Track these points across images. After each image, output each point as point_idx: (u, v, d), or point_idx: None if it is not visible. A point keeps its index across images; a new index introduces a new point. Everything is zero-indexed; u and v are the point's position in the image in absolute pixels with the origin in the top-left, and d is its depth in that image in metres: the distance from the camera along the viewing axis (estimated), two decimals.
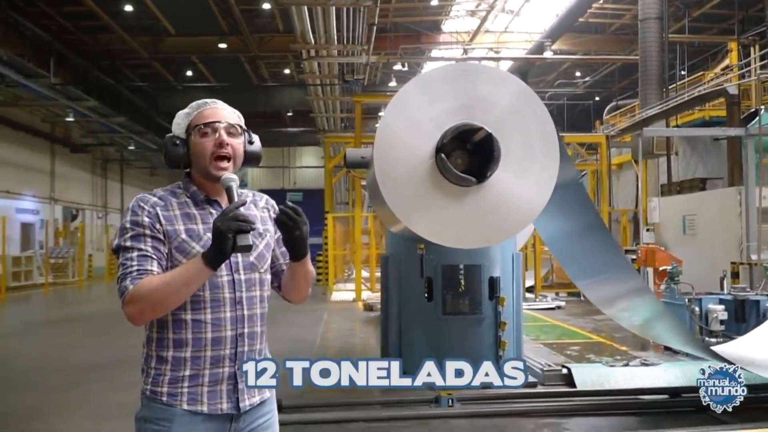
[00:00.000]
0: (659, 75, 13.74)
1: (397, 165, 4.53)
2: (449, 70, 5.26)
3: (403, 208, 4.48)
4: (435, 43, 23.80)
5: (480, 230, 4.47)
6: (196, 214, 2.02)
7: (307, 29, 13.92)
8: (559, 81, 27.98)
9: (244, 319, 2.02)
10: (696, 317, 7.71)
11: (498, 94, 4.73)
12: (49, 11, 18.53)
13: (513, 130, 4.60)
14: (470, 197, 4.45)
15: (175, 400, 1.95)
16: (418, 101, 4.71)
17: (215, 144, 2.01)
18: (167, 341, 1.98)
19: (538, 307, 13.10)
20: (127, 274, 1.90)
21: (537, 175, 4.51)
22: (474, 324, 6.31)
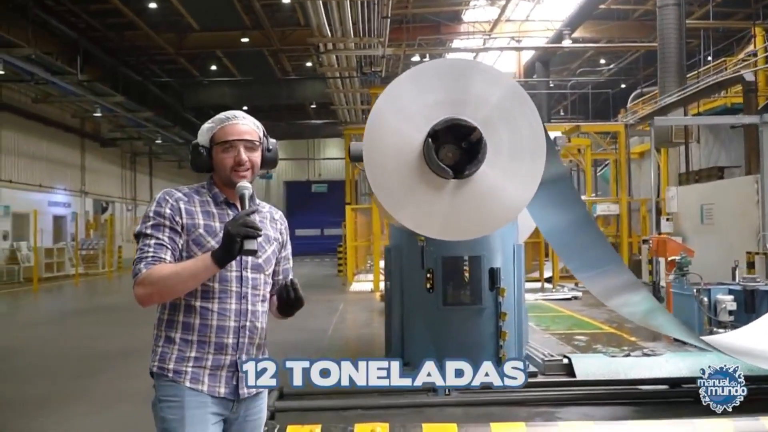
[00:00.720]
0: (678, 62, 13.56)
1: (386, 153, 4.66)
2: (442, 64, 5.36)
3: (389, 196, 4.62)
4: (455, 33, 23.73)
5: (462, 223, 4.58)
6: (215, 213, 2.24)
7: (323, 22, 14.02)
8: (582, 69, 27.71)
9: (247, 312, 2.22)
10: (704, 308, 7.70)
11: (489, 92, 4.81)
12: (76, 9, 18.90)
13: (501, 128, 4.69)
14: (455, 190, 4.55)
15: (179, 377, 2.14)
16: (410, 93, 4.83)
17: (235, 161, 2.23)
18: (176, 323, 2.18)
19: (554, 297, 13.13)
20: (142, 258, 2.11)
21: (522, 173, 4.60)
22: (474, 315, 6.38)
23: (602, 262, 5.79)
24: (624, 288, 5.91)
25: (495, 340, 6.40)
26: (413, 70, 5.16)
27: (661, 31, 13.99)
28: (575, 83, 29.02)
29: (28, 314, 13.76)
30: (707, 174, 12.42)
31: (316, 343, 8.65)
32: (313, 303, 12.78)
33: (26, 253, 19.13)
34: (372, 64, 16.82)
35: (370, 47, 15.64)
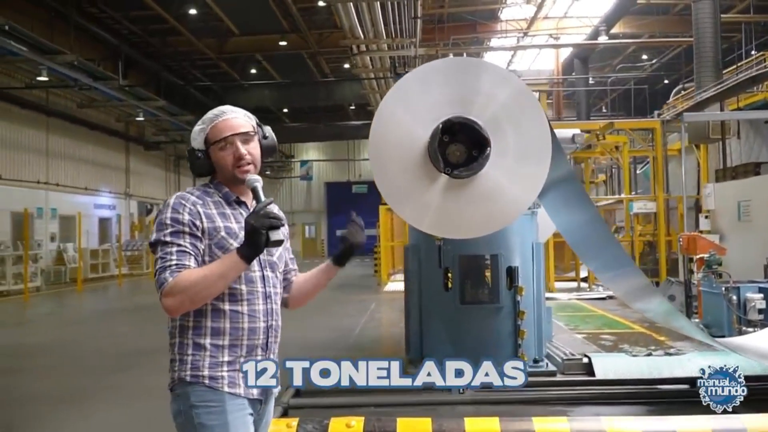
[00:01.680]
0: (714, 56, 13.26)
1: (390, 148, 4.73)
2: (451, 63, 5.40)
3: (391, 190, 4.70)
4: (492, 31, 23.62)
5: (462, 222, 4.62)
6: (230, 214, 2.18)
7: (355, 24, 14.16)
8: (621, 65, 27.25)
9: (273, 312, 2.22)
10: (733, 306, 7.55)
11: (497, 91, 4.82)
12: (117, 17, 19.47)
13: (508, 128, 4.70)
14: (457, 189, 4.59)
15: (216, 383, 2.07)
16: (418, 90, 4.88)
17: (234, 157, 2.17)
18: (205, 329, 2.10)
19: (589, 297, 12.98)
20: (166, 267, 2.02)
21: (526, 176, 4.61)
22: (492, 313, 6.39)
23: (620, 263, 5.74)
24: (643, 290, 5.85)
25: (513, 339, 6.40)
26: (422, 68, 5.21)
27: (696, 26, 13.69)
28: (618, 80, 28.58)
29: (71, 313, 14.23)
30: (744, 170, 12.12)
31: (342, 342, 8.75)
32: (345, 303, 12.92)
33: (72, 255, 19.75)
34: (405, 64, 16.88)
35: (403, 48, 15.72)
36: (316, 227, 39.72)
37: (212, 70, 25.73)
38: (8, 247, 17.25)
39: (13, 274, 16.77)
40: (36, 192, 19.41)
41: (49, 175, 20.16)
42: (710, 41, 13.31)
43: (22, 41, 14.56)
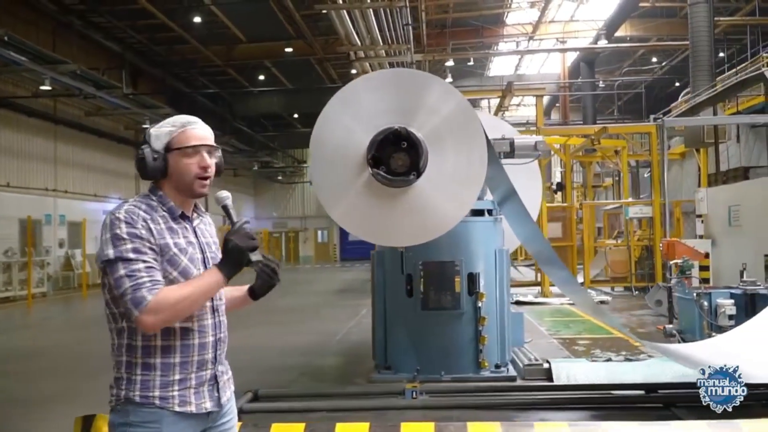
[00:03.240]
0: (708, 60, 13.18)
1: (330, 150, 4.86)
2: (400, 74, 5.50)
3: (325, 191, 4.81)
4: (497, 36, 23.64)
5: (392, 230, 4.70)
6: (177, 229, 2.14)
7: (350, 32, 14.30)
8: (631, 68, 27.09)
9: (221, 325, 2.22)
10: (705, 312, 7.52)
11: (441, 105, 4.92)
12: (121, 26, 19.77)
13: (447, 145, 4.80)
14: (391, 198, 4.68)
15: (167, 403, 2.05)
16: (365, 96, 4.99)
17: (199, 166, 2.13)
18: (155, 348, 2.07)
19: None
20: (141, 285, 1.97)
21: (458, 195, 4.71)
22: (453, 319, 6.44)
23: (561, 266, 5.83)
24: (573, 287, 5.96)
25: (475, 345, 6.45)
26: (371, 75, 5.33)
27: (691, 29, 13.63)
28: (628, 83, 28.44)
29: (71, 318, 14.50)
30: (734, 174, 12.02)
31: (321, 347, 8.85)
32: (339, 307, 13.03)
33: (80, 260, 20.07)
34: None
35: (399, 54, 15.82)
36: (328, 232, 39.90)
37: (220, 77, 26.00)
38: (15, 254, 17.61)
39: (20, 280, 17.10)
40: (44, 199, 19.77)
41: (57, 183, 20.52)
42: (705, 45, 13.24)
43: (24, 51, 14.87)
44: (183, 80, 25.36)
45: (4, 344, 10.38)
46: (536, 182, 8.32)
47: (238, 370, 7.29)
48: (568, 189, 18.85)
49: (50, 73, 15.54)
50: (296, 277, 26.31)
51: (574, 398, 5.74)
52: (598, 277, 16.37)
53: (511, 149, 6.73)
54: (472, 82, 26.63)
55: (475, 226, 6.60)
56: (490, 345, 6.49)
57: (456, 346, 6.45)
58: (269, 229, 38.95)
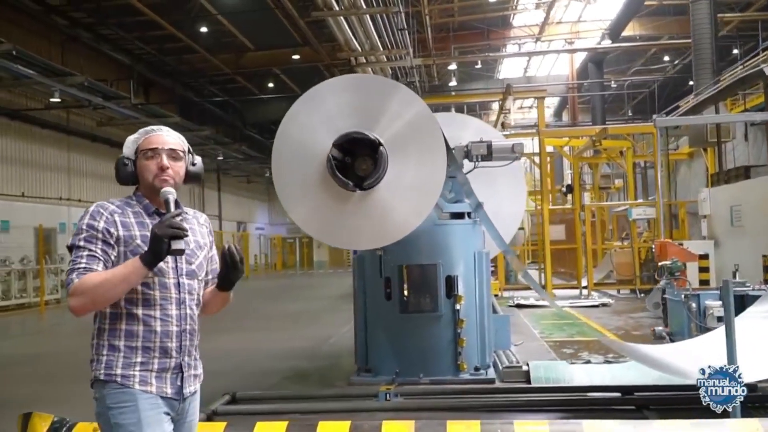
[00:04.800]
0: (710, 57, 13.04)
1: (292, 153, 4.92)
2: (365, 79, 5.54)
3: (286, 192, 4.88)
4: (504, 38, 23.60)
5: (348, 234, 4.74)
6: (149, 223, 2.28)
7: (349, 38, 14.36)
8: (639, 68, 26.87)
9: (187, 317, 2.31)
10: (693, 314, 7.46)
11: (403, 110, 4.96)
12: (129, 37, 20.06)
13: (408, 150, 4.84)
14: (354, 201, 4.73)
15: (128, 381, 2.19)
16: (330, 99, 5.06)
17: (158, 167, 2.30)
18: (119, 332, 2.22)
19: (582, 304, 12.88)
20: (74, 269, 2.16)
21: (416, 202, 4.75)
22: (432, 322, 6.45)
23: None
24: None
25: (453, 347, 6.46)
26: (336, 79, 5.38)
27: (693, 26, 13.51)
28: (640, 82, 28.20)
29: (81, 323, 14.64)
30: (735, 174, 11.87)
31: (310, 351, 8.90)
32: (338, 312, 13.07)
33: None
34: (407, 74, 17.03)
35: (399, 59, 15.87)
36: None
37: (230, 85, 26.24)
38: (30, 261, 17.93)
39: (34, 287, 17.40)
40: (58, 208, 20.10)
41: (71, 192, 20.86)
42: (707, 42, 13.11)
43: (32, 65, 15.16)
44: (193, 89, 25.65)
45: (9, 349, 10.59)
46: (520, 187, 8.35)
47: (224, 373, 7.42)
48: (576, 191, 18.74)
49: (59, 85, 15.83)
50: (308, 282, 26.46)
51: (549, 400, 5.73)
52: (605, 280, 16.27)
53: (489, 152, 6.75)
54: (480, 85, 26.59)
55: (454, 229, 6.63)
56: (469, 348, 6.49)
57: (434, 349, 6.46)
58: (284, 234, 39.15)
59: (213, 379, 2.43)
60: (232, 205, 35.20)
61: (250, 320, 12.66)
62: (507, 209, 8.08)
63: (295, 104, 5.15)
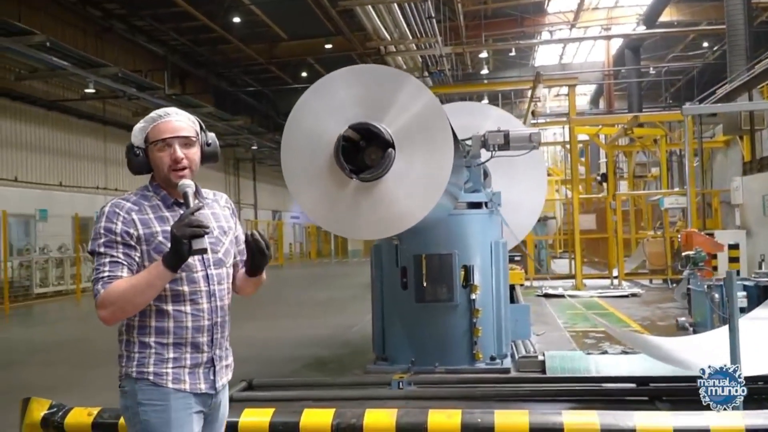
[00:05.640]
0: (744, 43, 12.69)
1: (302, 139, 4.98)
2: (375, 70, 5.54)
3: (294, 179, 4.93)
4: (538, 25, 23.27)
5: (355, 223, 4.77)
6: (168, 217, 2.20)
7: (378, 26, 14.37)
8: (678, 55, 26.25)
9: (218, 309, 2.25)
10: (715, 304, 7.32)
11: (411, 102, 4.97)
12: (164, 28, 20.35)
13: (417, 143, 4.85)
14: (357, 191, 4.76)
15: (161, 379, 2.14)
16: (340, 89, 5.09)
17: (171, 159, 2.19)
18: (149, 329, 2.17)
19: (611, 294, 12.74)
20: (98, 279, 2.09)
21: (421, 195, 4.76)
22: (447, 311, 6.47)
23: None
24: None
25: (469, 336, 6.47)
26: (348, 69, 5.40)
27: (727, 11, 13.15)
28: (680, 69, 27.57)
29: None
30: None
31: (333, 338, 9.00)
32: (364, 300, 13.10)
33: None
34: (437, 63, 16.95)
35: (429, 47, 15.80)
36: None
37: (264, 75, 26.42)
38: (68, 249, 18.40)
39: (71, 274, 17.87)
40: (95, 197, 20.56)
41: (107, 181, 21.33)
42: (741, 28, 12.75)
43: (66, 56, 15.52)
44: (227, 79, 25.91)
45: (45, 335, 10.93)
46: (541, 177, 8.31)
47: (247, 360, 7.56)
48: (610, 179, 18.49)
49: (93, 76, 16.17)
50: (342, 271, 26.62)
51: (562, 390, 5.71)
52: (639, 270, 16.04)
53: (506, 141, 6.71)
54: (514, 73, 26.32)
55: (471, 218, 6.63)
56: (485, 337, 6.49)
57: (450, 338, 6.48)
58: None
59: (235, 366, 2.42)
60: (268, 194, 35.54)
61: (280, 308, 12.84)
62: (527, 199, 8.05)
63: (305, 93, 5.18)
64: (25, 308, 15.04)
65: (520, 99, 29.83)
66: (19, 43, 13.97)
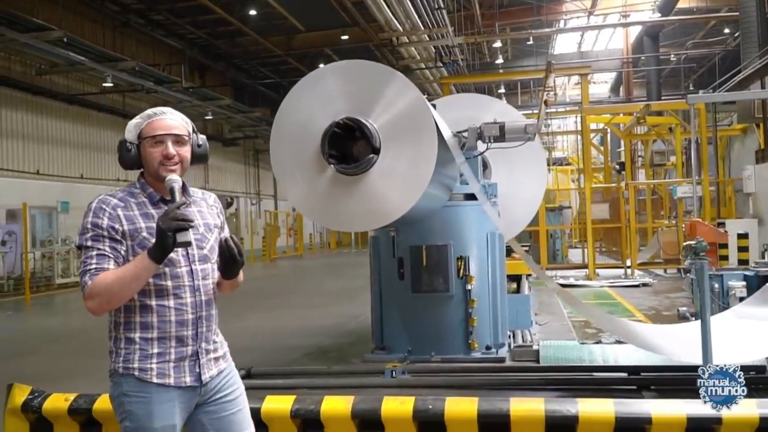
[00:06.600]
0: (757, 30, 12.52)
1: (291, 132, 5.10)
2: (365, 65, 5.62)
3: (283, 170, 5.05)
4: (555, 13, 23.09)
5: (341, 215, 4.89)
6: (153, 214, 2.26)
7: (389, 18, 14.43)
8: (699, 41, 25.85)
9: (202, 304, 2.32)
10: (715, 294, 7.33)
11: (398, 99, 5.06)
12: (181, 22, 20.57)
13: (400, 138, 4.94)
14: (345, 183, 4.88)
15: (146, 375, 2.22)
16: (330, 83, 5.20)
17: (163, 155, 2.27)
18: (134, 324, 2.24)
19: (622, 284, 12.72)
20: (86, 271, 2.17)
21: (405, 190, 4.85)
22: (443, 301, 6.55)
23: None
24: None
25: (464, 326, 6.56)
26: (340, 63, 5.51)
27: (741, 0, 12.97)
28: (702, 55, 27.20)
29: None
30: None
31: (337, 328, 9.13)
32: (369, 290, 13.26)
33: None
34: (450, 53, 16.95)
35: (443, 37, 15.81)
36: None
37: (282, 67, 26.60)
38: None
39: None
40: (116, 189, 20.93)
41: (128, 174, 21.65)
42: (753, 15, 12.59)
43: (84, 51, 15.81)
44: (245, 72, 26.12)
45: (63, 324, 11.23)
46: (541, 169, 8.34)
47: (249, 349, 7.72)
48: (627, 168, 18.39)
49: (110, 70, 16.45)
50: (360, 261, 26.68)
51: (553, 379, 5.78)
52: (655, 259, 15.95)
53: (501, 133, 6.76)
54: (532, 62, 26.16)
55: (466, 210, 6.69)
56: (481, 327, 6.56)
57: (446, 328, 6.55)
58: None
59: (238, 356, 2.51)
60: None
61: (291, 298, 13.03)
62: (526, 191, 8.10)
63: (296, 85, 5.30)
64: (47, 298, 15.44)
65: (540, 88, 29.62)
66: (37, 39, 14.27)
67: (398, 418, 2.84)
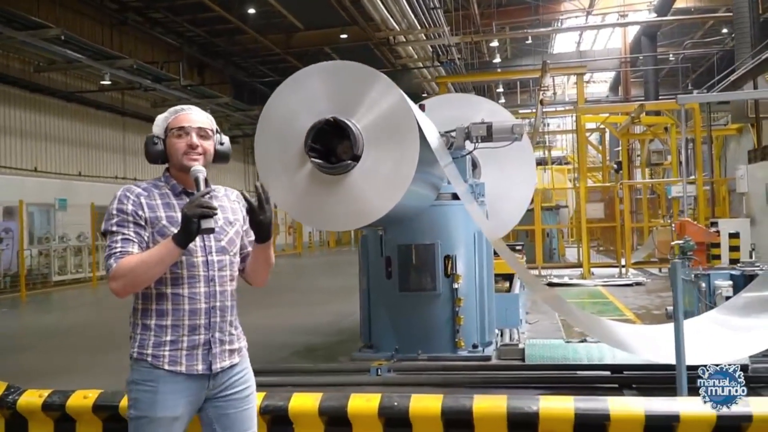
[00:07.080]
0: (749, 31, 12.54)
1: (275, 131, 5.16)
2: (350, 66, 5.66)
3: (267, 168, 5.10)
4: (554, 12, 23.11)
5: (323, 214, 4.95)
6: (175, 204, 2.36)
7: (385, 17, 14.46)
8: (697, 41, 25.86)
9: (216, 294, 2.38)
10: (702, 293, 7.36)
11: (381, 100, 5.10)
12: (179, 20, 20.62)
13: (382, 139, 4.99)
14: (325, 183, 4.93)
15: (158, 361, 2.30)
16: (315, 83, 5.25)
17: (187, 144, 2.35)
18: (151, 311, 2.34)
19: (615, 283, 12.76)
20: (111, 254, 2.25)
21: (385, 192, 4.89)
22: (430, 300, 6.60)
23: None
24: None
25: (451, 325, 6.60)
26: (325, 64, 5.55)
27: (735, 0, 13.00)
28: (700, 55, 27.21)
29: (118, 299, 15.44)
30: None
31: (328, 326, 9.19)
32: None
33: None
34: (447, 52, 16.98)
35: (439, 36, 15.84)
36: None
37: (281, 65, 26.62)
38: (87, 238, 18.82)
39: (90, 262, 18.31)
40: (114, 187, 20.62)
41: (126, 171, 21.75)
42: (746, 15, 12.61)
43: (82, 48, 15.87)
44: (244, 70, 26.16)
45: (60, 321, 11.30)
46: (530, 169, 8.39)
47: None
48: (624, 167, 18.42)
49: (108, 68, 16.51)
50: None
51: (538, 377, 5.85)
52: (650, 258, 16.00)
53: (489, 133, 6.80)
54: (530, 61, 26.17)
55: (453, 209, 6.74)
56: (468, 325, 6.61)
57: (433, 327, 6.60)
58: None
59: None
60: None
61: (288, 296, 13.06)
62: (516, 191, 8.16)
63: (281, 85, 5.36)
64: (43, 295, 15.49)
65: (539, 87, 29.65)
66: (35, 37, 14.33)
67: (364, 414, 2.89)
